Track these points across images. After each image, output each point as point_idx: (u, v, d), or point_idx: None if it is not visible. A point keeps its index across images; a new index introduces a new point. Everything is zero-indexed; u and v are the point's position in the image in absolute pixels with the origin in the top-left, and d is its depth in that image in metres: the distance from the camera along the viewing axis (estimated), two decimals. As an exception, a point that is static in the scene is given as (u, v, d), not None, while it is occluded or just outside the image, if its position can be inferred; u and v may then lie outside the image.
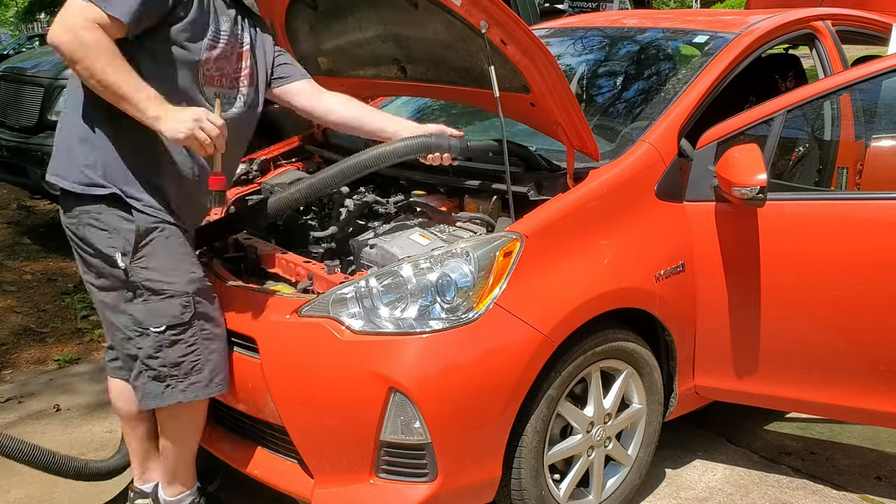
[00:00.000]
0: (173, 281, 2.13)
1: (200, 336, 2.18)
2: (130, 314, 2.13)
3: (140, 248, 2.11)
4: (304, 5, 2.75)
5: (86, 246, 2.15)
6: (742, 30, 2.91)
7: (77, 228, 2.15)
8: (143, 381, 2.16)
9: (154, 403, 2.18)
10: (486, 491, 2.21)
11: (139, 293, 2.12)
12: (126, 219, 2.09)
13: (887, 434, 3.06)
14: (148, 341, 2.13)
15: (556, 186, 2.42)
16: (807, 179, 2.83)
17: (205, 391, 2.19)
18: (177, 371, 2.15)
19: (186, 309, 2.15)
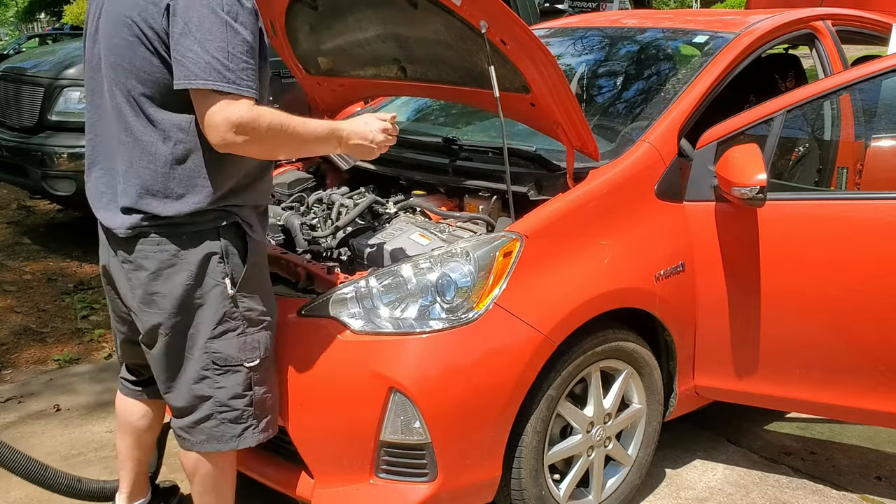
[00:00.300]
0: (270, 309, 2.05)
1: (274, 368, 2.11)
2: (216, 350, 1.95)
3: (247, 276, 1.97)
4: (304, 5, 2.75)
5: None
6: (742, 30, 2.91)
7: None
8: (213, 424, 1.99)
9: (227, 447, 2.02)
10: (486, 491, 2.21)
11: (233, 325, 1.96)
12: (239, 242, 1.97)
13: (887, 434, 3.06)
14: (235, 378, 1.98)
15: (556, 186, 2.42)
16: (807, 179, 2.83)
17: (274, 429, 2.10)
18: (260, 410, 2.03)
19: (272, 340, 2.06)
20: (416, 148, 2.90)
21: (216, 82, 1.74)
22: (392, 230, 2.49)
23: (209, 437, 2.01)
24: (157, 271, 1.91)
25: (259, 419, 2.03)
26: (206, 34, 1.74)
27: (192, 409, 2.00)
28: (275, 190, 2.97)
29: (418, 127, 3.31)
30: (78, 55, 5.33)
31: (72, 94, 4.96)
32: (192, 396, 1.99)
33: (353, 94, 3.25)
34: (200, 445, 2.03)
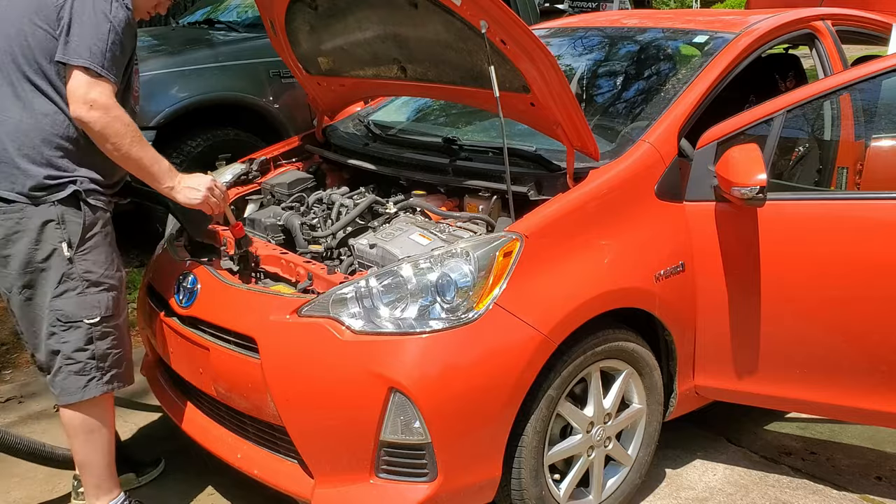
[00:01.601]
0: (111, 272, 2.28)
1: (123, 328, 2.33)
2: (59, 308, 2.19)
3: (85, 241, 2.21)
4: (304, 5, 2.75)
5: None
6: (742, 30, 2.91)
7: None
8: (62, 377, 2.24)
9: (73, 398, 2.25)
10: (486, 491, 2.21)
11: (73, 285, 2.19)
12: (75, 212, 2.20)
13: (887, 434, 3.06)
14: (77, 334, 2.21)
15: (556, 186, 2.42)
16: (807, 179, 2.83)
17: (123, 381, 2.33)
18: (103, 363, 2.26)
19: (117, 301, 2.29)
20: (416, 148, 2.90)
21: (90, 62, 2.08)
22: (392, 230, 2.49)
23: (62, 390, 2.25)
24: (6, 237, 2.17)
25: (103, 371, 2.26)
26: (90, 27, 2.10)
27: (49, 364, 2.25)
28: (275, 190, 2.97)
29: (418, 127, 3.31)
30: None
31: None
32: (48, 352, 2.24)
33: (353, 94, 3.25)
34: (58, 399, 2.28)
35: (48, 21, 2.11)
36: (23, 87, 2.16)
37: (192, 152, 4.43)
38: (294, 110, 4.79)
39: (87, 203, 2.21)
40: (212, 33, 5.30)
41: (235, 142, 4.57)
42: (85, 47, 2.07)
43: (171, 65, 4.53)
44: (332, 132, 3.24)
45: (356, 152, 3.00)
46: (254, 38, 4.87)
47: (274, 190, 2.97)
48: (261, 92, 4.72)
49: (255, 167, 3.14)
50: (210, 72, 4.59)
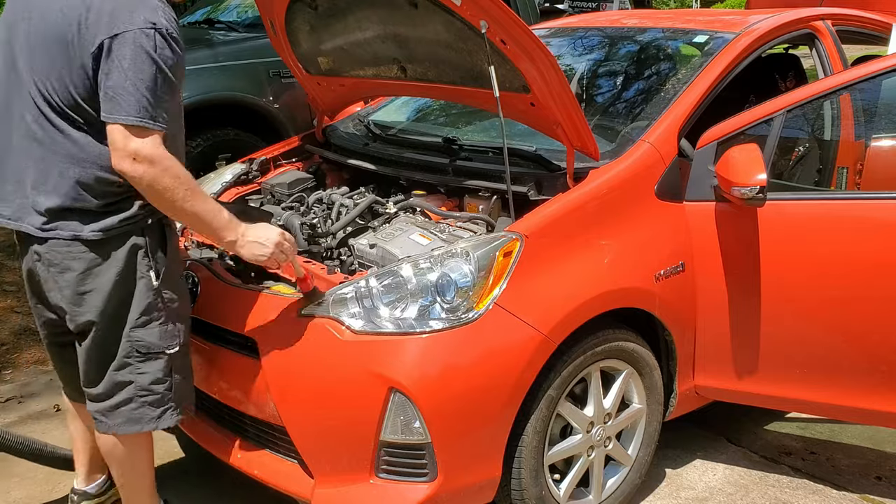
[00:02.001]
0: (186, 301, 2.18)
1: (190, 355, 2.23)
2: (139, 339, 2.06)
3: (170, 268, 2.10)
4: (304, 5, 2.75)
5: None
6: (742, 30, 2.91)
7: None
8: (133, 407, 2.09)
9: (146, 427, 2.13)
10: (486, 491, 2.21)
11: (157, 316, 2.07)
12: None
13: (887, 434, 3.06)
14: (157, 364, 2.09)
15: (556, 186, 2.42)
16: (807, 179, 2.83)
17: (191, 408, 2.23)
18: (178, 393, 2.15)
19: (189, 328, 2.20)
20: (416, 148, 2.90)
21: (137, 118, 1.87)
22: (392, 230, 2.49)
23: (128, 419, 2.10)
24: (87, 270, 2.00)
25: (177, 402, 2.15)
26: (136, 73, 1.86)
27: (111, 393, 2.09)
28: (275, 190, 2.97)
29: (418, 127, 3.31)
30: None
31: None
32: (113, 383, 2.08)
33: (354, 94, 3.25)
34: (118, 427, 2.12)
35: (81, 62, 1.90)
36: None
37: (193, 152, 4.43)
38: (294, 110, 4.78)
39: (169, 227, 2.11)
40: (212, 33, 5.29)
41: (235, 142, 4.56)
42: (127, 101, 1.85)
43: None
44: (332, 132, 3.24)
45: (356, 152, 2.99)
46: (254, 38, 4.87)
47: (274, 190, 2.96)
48: (261, 92, 4.71)
49: (255, 167, 3.14)
50: (210, 72, 4.59)
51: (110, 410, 2.10)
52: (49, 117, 1.96)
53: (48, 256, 2.02)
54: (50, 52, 1.94)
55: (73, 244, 1.99)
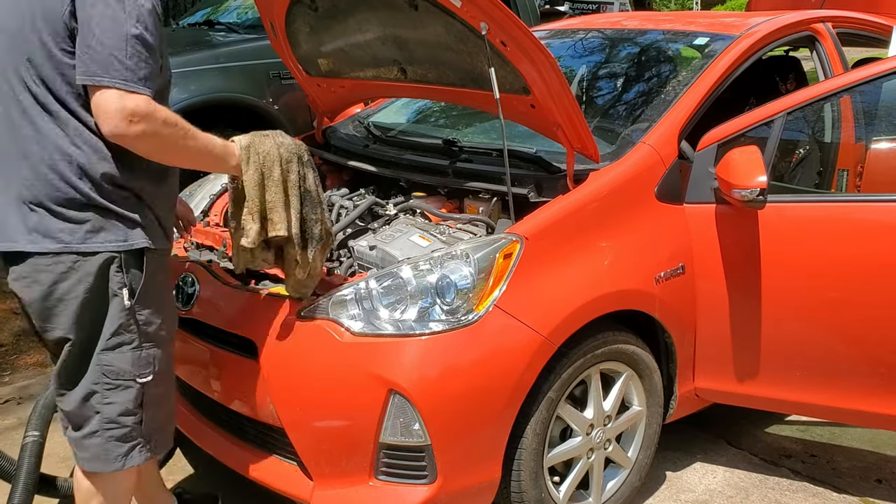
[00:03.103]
0: (167, 325, 1.97)
1: (171, 387, 2.04)
2: (108, 363, 1.86)
3: (146, 287, 1.88)
4: (304, 7, 2.75)
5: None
6: (742, 32, 2.91)
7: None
8: (98, 442, 1.90)
9: (111, 467, 1.91)
10: (485, 493, 2.21)
11: (129, 338, 1.87)
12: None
13: (888, 436, 3.06)
14: (126, 395, 1.88)
15: (556, 188, 2.42)
16: (807, 181, 2.83)
17: (166, 445, 2.04)
18: (149, 427, 1.93)
19: (169, 355, 1.98)
20: (415, 150, 2.90)
21: (115, 80, 1.70)
22: (392, 232, 2.49)
23: (94, 455, 1.91)
24: (54, 284, 1.82)
25: (148, 438, 1.94)
26: (107, 33, 1.71)
27: (80, 423, 1.91)
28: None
29: (418, 128, 3.31)
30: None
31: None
32: (81, 410, 1.90)
33: (353, 96, 3.25)
34: (87, 463, 1.94)
35: (55, 33, 1.76)
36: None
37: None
38: (294, 111, 4.79)
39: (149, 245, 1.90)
40: (212, 34, 5.29)
41: (235, 143, 4.56)
42: (108, 60, 1.70)
43: (171, 66, 4.52)
44: (331, 134, 3.24)
45: (356, 154, 2.99)
46: (254, 39, 4.87)
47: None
48: (261, 93, 4.72)
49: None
50: (210, 73, 4.59)
51: (80, 441, 1.93)
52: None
53: (16, 268, 1.88)
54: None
55: (41, 257, 1.82)
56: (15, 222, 1.83)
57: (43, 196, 1.80)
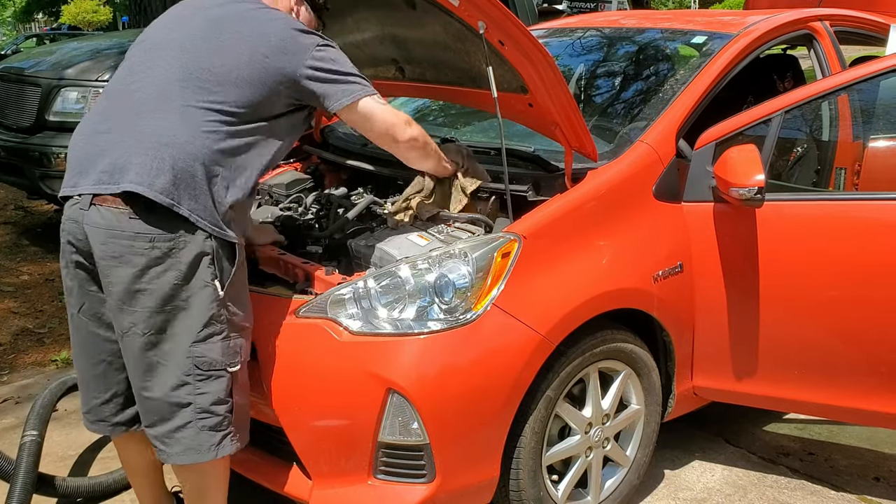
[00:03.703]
0: (249, 316, 2.06)
1: (247, 375, 2.09)
2: (200, 354, 1.92)
3: (234, 278, 1.97)
4: (302, 6, 2.74)
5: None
6: (740, 30, 2.91)
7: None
8: (190, 433, 1.94)
9: (205, 457, 1.96)
10: (484, 492, 2.21)
11: (219, 329, 1.94)
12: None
13: (885, 434, 3.06)
14: (218, 384, 1.95)
15: (554, 187, 2.42)
16: (805, 180, 2.83)
17: (246, 438, 2.08)
18: (238, 416, 2.01)
19: (248, 345, 2.06)
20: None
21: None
22: (390, 231, 2.49)
23: (186, 448, 1.95)
24: (145, 268, 1.88)
25: (236, 426, 2.01)
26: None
27: (168, 417, 1.95)
28: (273, 190, 2.96)
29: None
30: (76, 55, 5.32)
31: (69, 94, 4.95)
32: (170, 403, 1.94)
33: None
34: (177, 458, 1.97)
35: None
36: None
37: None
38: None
39: (239, 242, 2.01)
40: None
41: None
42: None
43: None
44: (330, 132, 3.24)
45: (354, 153, 2.99)
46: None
47: (272, 190, 2.96)
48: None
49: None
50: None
51: (168, 436, 1.95)
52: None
53: (104, 247, 1.94)
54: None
55: (139, 238, 1.90)
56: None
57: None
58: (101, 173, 1.91)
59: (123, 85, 2.07)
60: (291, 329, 2.18)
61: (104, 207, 1.90)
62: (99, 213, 1.91)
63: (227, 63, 2.01)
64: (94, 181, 1.92)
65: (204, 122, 1.95)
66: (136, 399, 2.02)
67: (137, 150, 1.91)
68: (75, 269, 2.02)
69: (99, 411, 2.14)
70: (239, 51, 2.03)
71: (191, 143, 1.93)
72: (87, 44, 5.96)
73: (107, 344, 2.05)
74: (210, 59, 2.01)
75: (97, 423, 2.17)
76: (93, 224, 1.92)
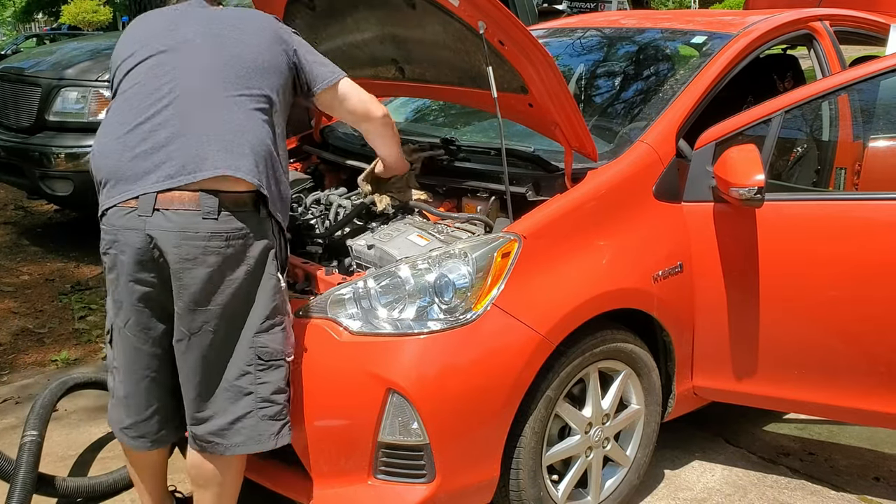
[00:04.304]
0: (289, 305, 2.10)
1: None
2: (263, 345, 1.96)
3: (285, 268, 2.06)
4: (301, 6, 2.74)
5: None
6: (740, 30, 2.91)
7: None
8: (251, 423, 1.96)
9: (265, 446, 1.98)
10: (484, 492, 2.21)
11: (279, 320, 2.00)
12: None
13: (885, 434, 3.06)
14: (278, 374, 2.00)
15: (554, 187, 2.42)
16: (805, 180, 2.83)
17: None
18: (293, 406, 2.05)
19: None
20: (414, 148, 2.89)
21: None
22: (390, 231, 2.49)
23: (247, 437, 1.98)
24: (220, 266, 1.90)
25: (290, 416, 2.06)
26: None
27: (229, 408, 1.97)
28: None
29: (416, 127, 3.31)
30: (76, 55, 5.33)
31: (69, 95, 4.95)
32: (232, 394, 1.96)
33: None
34: (236, 448, 1.98)
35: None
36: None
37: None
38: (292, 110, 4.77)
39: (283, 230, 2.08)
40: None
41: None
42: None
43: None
44: (329, 133, 3.24)
45: (354, 153, 2.99)
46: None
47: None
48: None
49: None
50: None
51: (228, 428, 1.97)
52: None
53: (177, 249, 1.93)
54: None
55: (215, 238, 1.92)
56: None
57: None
58: (166, 173, 1.89)
59: (151, 90, 2.01)
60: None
61: (170, 211, 1.89)
62: (165, 217, 1.89)
63: (248, 53, 2.07)
64: (157, 180, 1.89)
65: (254, 109, 2.01)
66: (189, 401, 2.00)
67: (210, 142, 1.92)
68: (129, 282, 1.96)
69: (140, 427, 2.13)
70: (251, 41, 2.09)
71: (258, 128, 1.99)
72: (87, 44, 5.96)
73: (152, 360, 2.05)
74: (233, 50, 2.07)
75: (137, 440, 2.15)
76: (161, 229, 1.89)
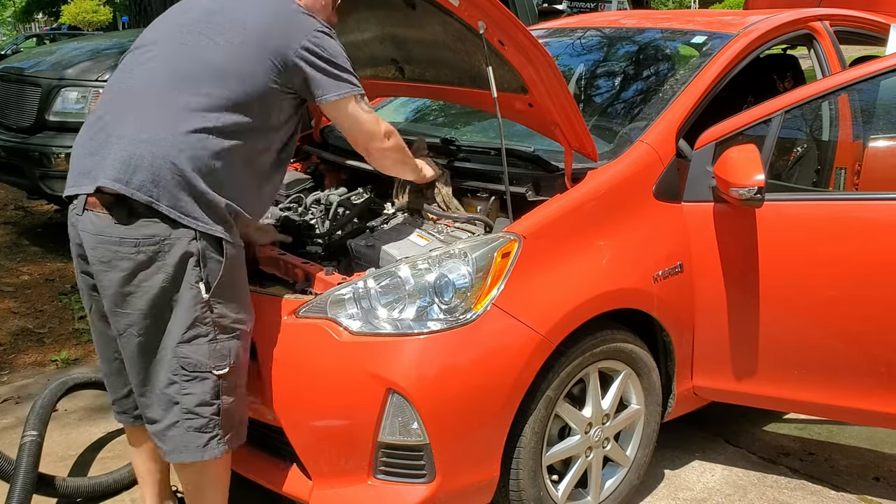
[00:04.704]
0: (243, 318, 2.04)
1: (244, 378, 2.08)
2: (185, 356, 1.93)
3: (222, 281, 1.95)
4: (301, 6, 2.74)
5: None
6: (740, 30, 2.91)
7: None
8: (178, 432, 1.96)
9: (190, 457, 1.98)
10: (484, 492, 2.21)
11: (204, 331, 1.94)
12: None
13: (885, 434, 3.06)
14: (203, 386, 1.95)
15: (554, 187, 2.42)
16: (805, 180, 2.83)
17: (241, 439, 2.09)
18: (227, 420, 2.00)
19: (245, 349, 2.05)
20: (414, 148, 2.89)
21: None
22: (390, 231, 2.49)
23: (175, 446, 1.98)
24: (133, 272, 1.89)
25: (225, 429, 2.01)
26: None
27: (162, 415, 1.98)
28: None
29: (416, 127, 3.31)
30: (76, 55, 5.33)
31: (69, 94, 4.95)
32: (163, 402, 1.97)
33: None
34: (170, 455, 2.01)
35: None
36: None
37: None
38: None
39: (227, 239, 1.96)
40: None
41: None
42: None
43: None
44: (329, 133, 3.24)
45: (354, 153, 2.98)
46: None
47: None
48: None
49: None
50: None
51: (162, 434, 1.99)
52: None
53: (96, 252, 1.96)
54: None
55: (124, 244, 1.92)
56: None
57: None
58: (94, 175, 1.92)
59: (118, 83, 2.07)
60: (291, 329, 2.18)
61: (93, 213, 1.92)
62: (89, 219, 1.93)
63: (221, 54, 1.99)
64: (90, 181, 1.93)
65: (188, 113, 1.93)
66: (136, 397, 2.06)
67: (122, 147, 1.91)
68: (80, 272, 2.06)
69: (121, 404, 2.22)
70: (234, 36, 2.01)
71: (172, 137, 1.90)
72: (87, 44, 5.96)
73: (116, 343, 2.06)
74: (204, 53, 2.00)
75: (121, 415, 2.24)
76: (84, 230, 1.94)
